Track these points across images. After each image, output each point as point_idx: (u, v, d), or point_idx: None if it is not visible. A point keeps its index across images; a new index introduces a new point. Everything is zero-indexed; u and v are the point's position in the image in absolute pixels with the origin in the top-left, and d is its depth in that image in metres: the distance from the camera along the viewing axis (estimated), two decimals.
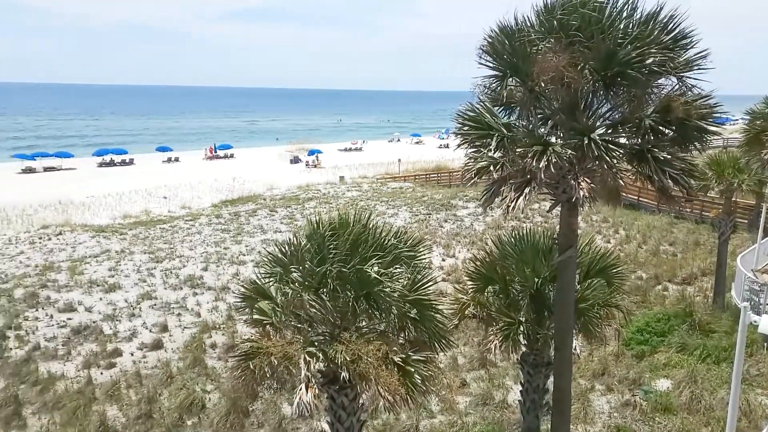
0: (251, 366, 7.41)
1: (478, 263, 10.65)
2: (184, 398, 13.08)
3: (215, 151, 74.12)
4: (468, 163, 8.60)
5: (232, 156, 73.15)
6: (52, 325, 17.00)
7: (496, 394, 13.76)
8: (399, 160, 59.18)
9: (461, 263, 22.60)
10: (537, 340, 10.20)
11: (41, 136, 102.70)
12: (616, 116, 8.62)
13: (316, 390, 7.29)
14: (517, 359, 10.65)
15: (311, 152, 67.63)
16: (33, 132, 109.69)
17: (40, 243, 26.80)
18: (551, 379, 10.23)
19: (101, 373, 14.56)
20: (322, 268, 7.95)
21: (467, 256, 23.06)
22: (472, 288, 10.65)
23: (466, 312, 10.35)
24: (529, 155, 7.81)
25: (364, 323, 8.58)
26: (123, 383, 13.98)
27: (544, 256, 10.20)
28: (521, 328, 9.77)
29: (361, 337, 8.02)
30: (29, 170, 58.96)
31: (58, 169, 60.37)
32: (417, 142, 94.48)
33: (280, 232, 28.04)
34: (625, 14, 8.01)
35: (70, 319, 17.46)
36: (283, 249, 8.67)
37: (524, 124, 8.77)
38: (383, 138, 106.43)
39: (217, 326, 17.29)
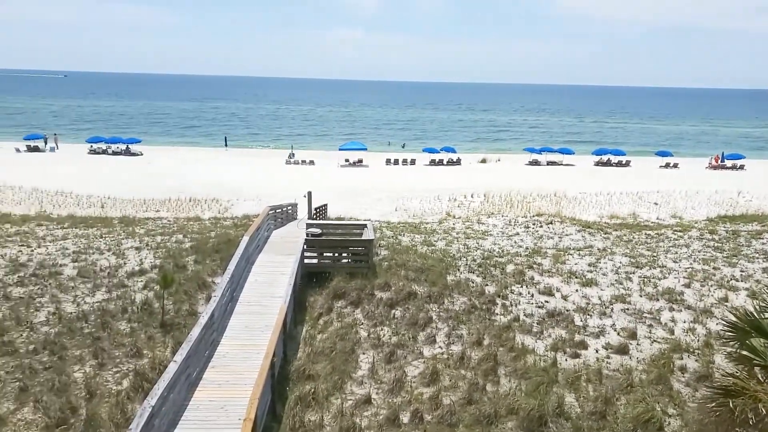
0: (731, 405, 6.37)
1: None
2: (641, 412, 12.42)
3: (722, 160, 67.10)
4: None
5: (741, 167, 64.73)
6: (531, 304, 18.71)
7: None
8: None
9: None
10: None
11: (556, 134, 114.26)
12: None
13: None
14: None
15: None
16: (556, 129, 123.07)
17: (532, 228, 29.86)
18: None
19: (566, 360, 15.24)
20: None
21: None
22: None
23: None
24: None
25: None
26: (584, 376, 14.27)
27: None
28: None
29: None
30: (534, 162, 66.49)
31: (559, 164, 65.99)
32: None
33: None
34: None
35: (547, 302, 18.86)
36: None
37: None
38: None
39: (691, 350, 15.70)
